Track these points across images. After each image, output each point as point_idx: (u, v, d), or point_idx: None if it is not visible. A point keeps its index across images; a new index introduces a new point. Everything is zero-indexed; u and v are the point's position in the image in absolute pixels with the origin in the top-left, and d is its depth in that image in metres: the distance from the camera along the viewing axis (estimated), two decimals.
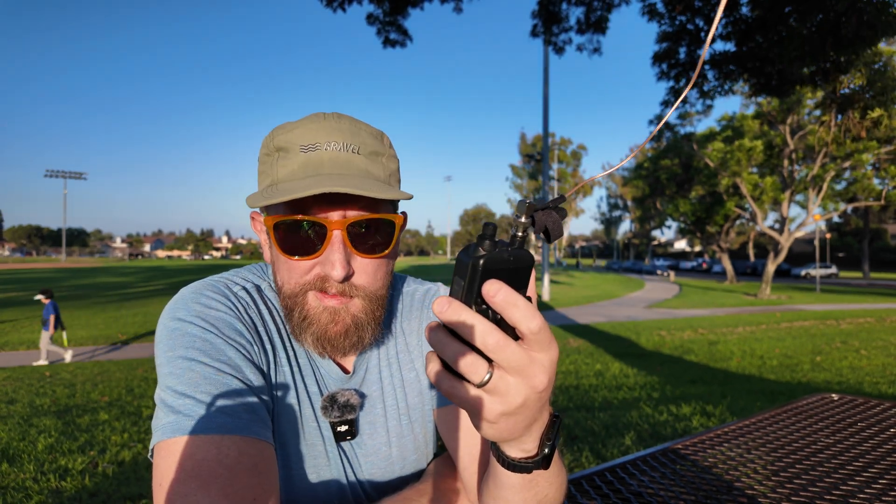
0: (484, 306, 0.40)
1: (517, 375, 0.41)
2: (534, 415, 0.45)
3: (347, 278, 0.65)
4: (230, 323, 0.65)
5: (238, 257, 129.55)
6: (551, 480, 0.59)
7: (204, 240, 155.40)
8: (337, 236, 0.63)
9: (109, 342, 9.90)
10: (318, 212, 0.63)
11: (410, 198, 0.66)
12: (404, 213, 0.72)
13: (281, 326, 0.73)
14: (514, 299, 0.38)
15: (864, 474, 1.05)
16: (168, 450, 0.55)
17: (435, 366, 0.42)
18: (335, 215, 0.63)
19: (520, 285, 0.41)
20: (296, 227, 0.63)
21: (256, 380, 0.63)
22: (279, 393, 0.70)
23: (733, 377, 6.80)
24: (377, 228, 0.66)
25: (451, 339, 0.40)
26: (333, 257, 0.63)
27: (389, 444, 0.78)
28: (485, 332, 0.38)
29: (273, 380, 0.70)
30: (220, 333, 0.64)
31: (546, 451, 0.51)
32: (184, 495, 0.52)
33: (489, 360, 0.40)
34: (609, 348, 9.20)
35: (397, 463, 0.78)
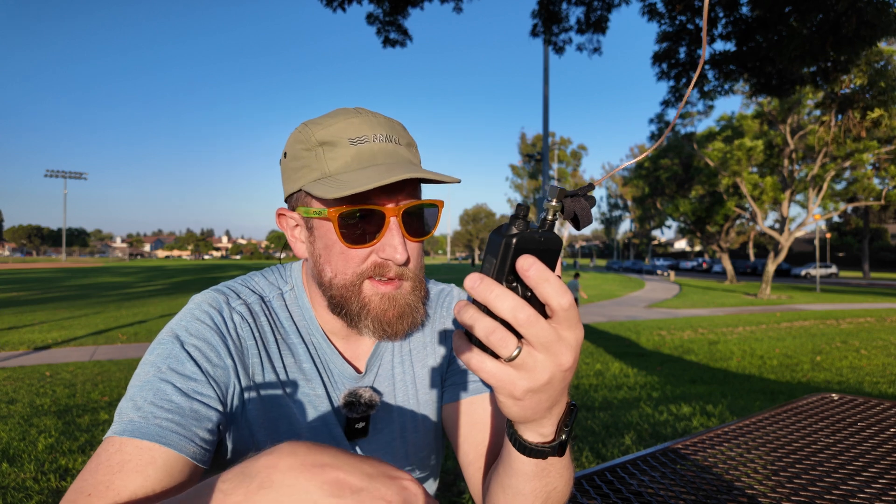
0: (514, 284, 0.41)
1: (545, 352, 0.42)
2: (556, 395, 0.47)
3: (407, 262, 0.68)
4: (206, 338, 0.66)
5: (238, 257, 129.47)
6: (562, 472, 0.60)
7: (204, 240, 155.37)
8: (394, 223, 0.66)
9: (108, 342, 9.90)
10: (376, 201, 0.66)
11: (459, 181, 0.68)
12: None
13: (290, 333, 0.74)
14: (547, 275, 0.40)
15: (864, 474, 1.05)
16: None
17: (463, 343, 0.43)
18: (390, 203, 0.66)
19: (548, 267, 0.42)
20: (356, 217, 0.66)
21: (207, 393, 0.63)
22: (277, 397, 0.70)
23: (733, 377, 6.80)
24: (424, 213, 0.70)
25: (481, 314, 0.40)
26: (394, 242, 0.65)
27: (400, 439, 0.79)
28: (516, 307, 0.39)
29: (259, 391, 0.70)
30: (190, 345, 0.64)
31: (563, 437, 0.52)
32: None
33: (518, 337, 0.41)
34: (609, 348, 9.20)
35: (405, 458, 0.79)
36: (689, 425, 4.36)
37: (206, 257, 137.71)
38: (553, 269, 0.43)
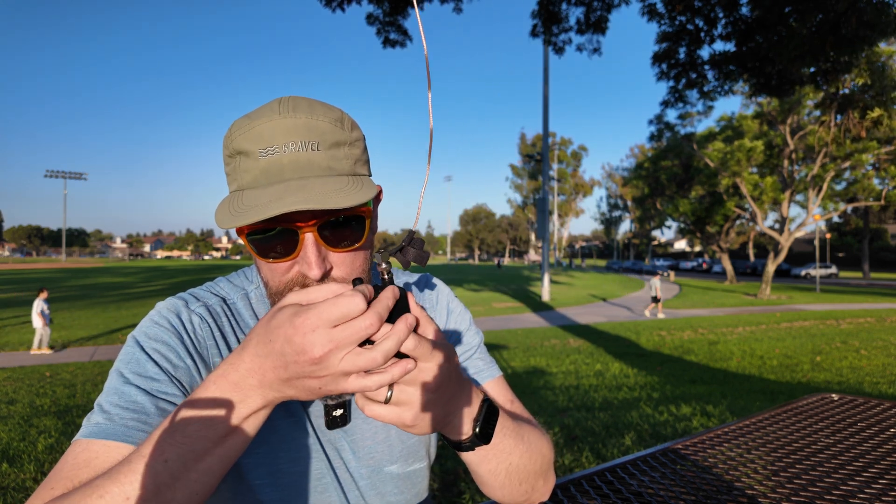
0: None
1: (411, 384, 0.53)
2: (441, 408, 0.57)
3: (325, 276, 0.65)
4: (164, 339, 0.67)
5: (238, 257, 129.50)
6: (510, 451, 0.69)
7: (204, 240, 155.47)
8: (309, 238, 0.62)
9: (108, 342, 9.91)
10: (286, 216, 0.62)
11: (376, 195, 0.64)
12: (379, 188, 0.70)
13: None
14: (387, 332, 0.49)
15: (864, 474, 1.05)
16: None
17: (359, 398, 0.53)
18: (305, 217, 0.62)
19: (398, 313, 0.53)
20: (268, 235, 0.63)
21: (172, 392, 0.64)
22: None
23: (733, 377, 6.81)
24: (347, 224, 0.65)
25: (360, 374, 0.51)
26: (308, 259, 0.63)
27: (385, 428, 0.77)
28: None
29: None
30: (150, 349, 0.66)
31: (477, 429, 0.62)
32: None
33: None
34: (609, 348, 9.21)
35: (392, 448, 0.77)
36: (689, 425, 4.36)
37: (206, 258, 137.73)
38: (404, 312, 0.53)
